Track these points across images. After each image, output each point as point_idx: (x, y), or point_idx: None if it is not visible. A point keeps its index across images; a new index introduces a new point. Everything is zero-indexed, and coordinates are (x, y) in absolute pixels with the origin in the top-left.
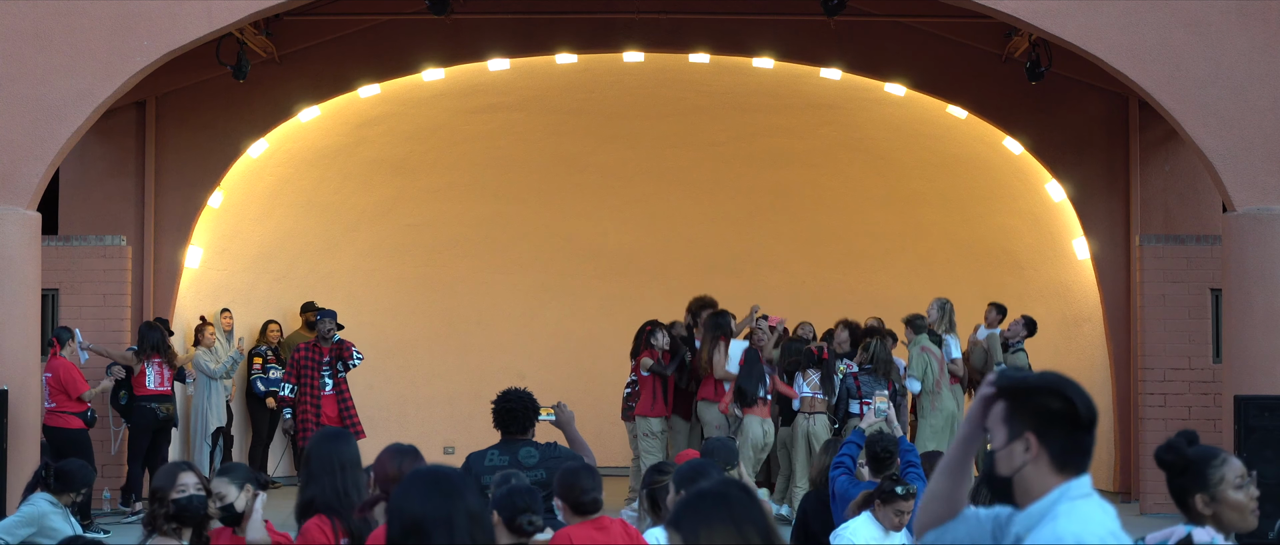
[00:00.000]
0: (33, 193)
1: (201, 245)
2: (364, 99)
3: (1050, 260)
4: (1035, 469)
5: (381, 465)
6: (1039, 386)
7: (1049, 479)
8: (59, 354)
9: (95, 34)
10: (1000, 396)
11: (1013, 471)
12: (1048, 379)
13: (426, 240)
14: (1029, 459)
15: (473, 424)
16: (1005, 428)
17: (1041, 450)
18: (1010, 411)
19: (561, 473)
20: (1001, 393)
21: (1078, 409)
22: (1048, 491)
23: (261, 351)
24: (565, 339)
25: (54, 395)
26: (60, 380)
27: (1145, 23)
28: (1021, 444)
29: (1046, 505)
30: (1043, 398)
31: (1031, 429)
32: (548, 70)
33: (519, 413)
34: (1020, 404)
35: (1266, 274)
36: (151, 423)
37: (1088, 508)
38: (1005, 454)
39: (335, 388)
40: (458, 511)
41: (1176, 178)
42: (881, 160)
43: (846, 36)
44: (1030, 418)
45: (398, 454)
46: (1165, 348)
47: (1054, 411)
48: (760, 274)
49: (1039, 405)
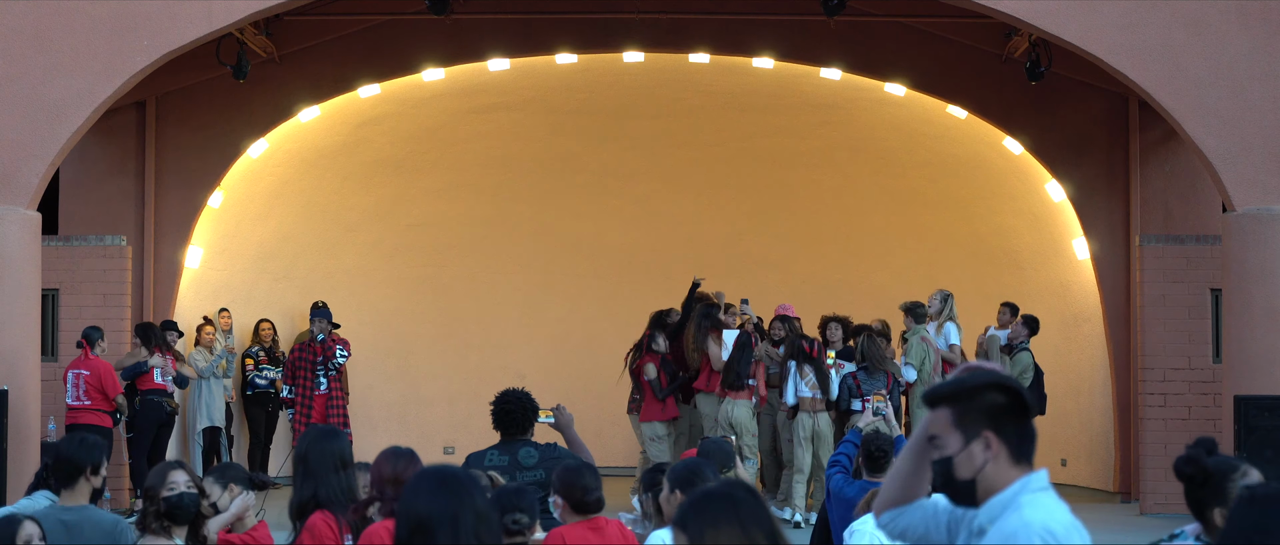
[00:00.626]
0: (33, 193)
1: (201, 245)
2: (364, 99)
3: (1050, 260)
4: (996, 465)
5: (378, 467)
6: (981, 385)
7: (1009, 472)
8: (91, 354)
9: (95, 34)
10: (943, 403)
11: (976, 472)
12: (983, 376)
13: (426, 240)
14: (990, 457)
15: (473, 424)
16: (958, 432)
17: (1001, 445)
18: (959, 415)
19: (564, 471)
20: (944, 399)
21: (1022, 399)
22: (1009, 483)
23: (252, 352)
24: (565, 339)
25: (90, 392)
26: (100, 379)
27: (1145, 23)
28: (980, 444)
29: (1010, 496)
30: (989, 395)
31: (987, 427)
32: (548, 70)
33: (518, 413)
34: (968, 405)
35: (1266, 274)
36: (158, 418)
37: (1048, 499)
38: (964, 457)
39: (328, 387)
40: (465, 510)
41: (1176, 178)
42: (881, 160)
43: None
44: (982, 417)
45: (395, 456)
46: (1165, 348)
47: (1003, 406)
48: (760, 274)
49: (988, 403)
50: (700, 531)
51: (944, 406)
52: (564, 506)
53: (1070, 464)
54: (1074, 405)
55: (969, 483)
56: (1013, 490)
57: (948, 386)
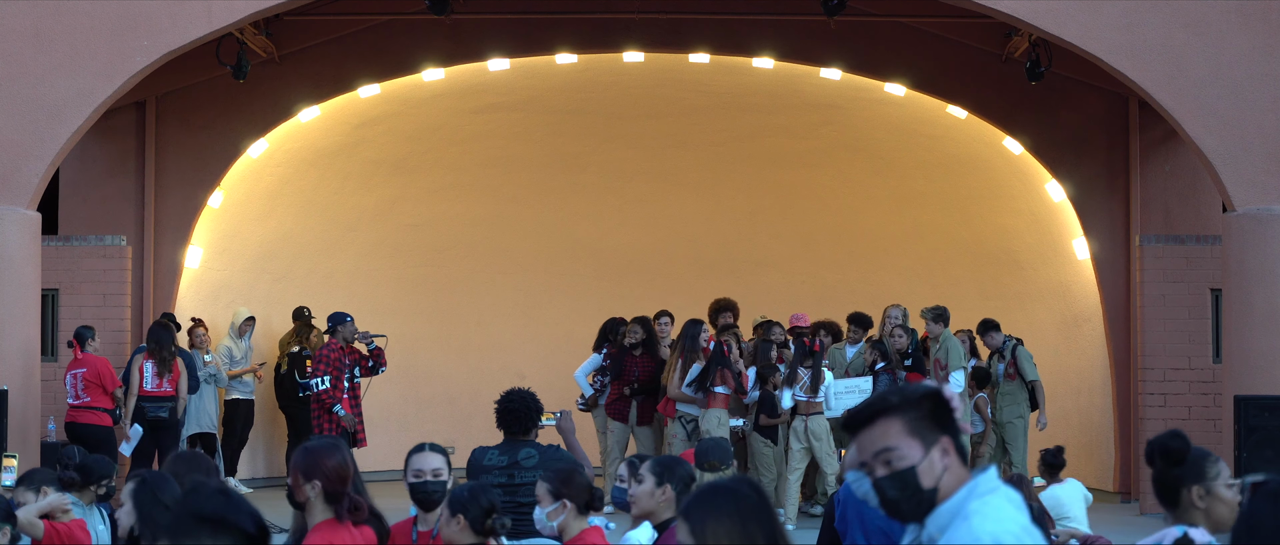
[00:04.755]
0: (33, 193)
1: (201, 245)
2: (364, 99)
3: (1050, 260)
4: (951, 473)
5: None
6: (920, 393)
7: (960, 477)
8: (81, 352)
9: (95, 34)
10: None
11: (938, 480)
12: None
13: (426, 240)
14: (950, 462)
15: (473, 424)
16: (915, 440)
17: (954, 449)
18: (914, 424)
19: (569, 472)
20: (893, 410)
21: (943, 398)
22: (957, 488)
23: (302, 354)
24: (565, 339)
25: (88, 389)
26: (98, 374)
27: (1145, 23)
28: (938, 450)
29: (957, 503)
30: (931, 401)
31: (942, 433)
32: (548, 70)
33: (521, 413)
34: (917, 413)
35: (1266, 274)
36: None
37: (998, 503)
38: (927, 466)
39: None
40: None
41: (1176, 178)
42: (881, 160)
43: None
44: (934, 423)
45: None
46: (1165, 348)
47: (944, 411)
48: (760, 274)
49: (934, 409)
50: (702, 523)
51: (891, 417)
52: (572, 509)
53: (1070, 464)
54: (1074, 405)
55: (932, 491)
56: (960, 496)
57: (880, 404)
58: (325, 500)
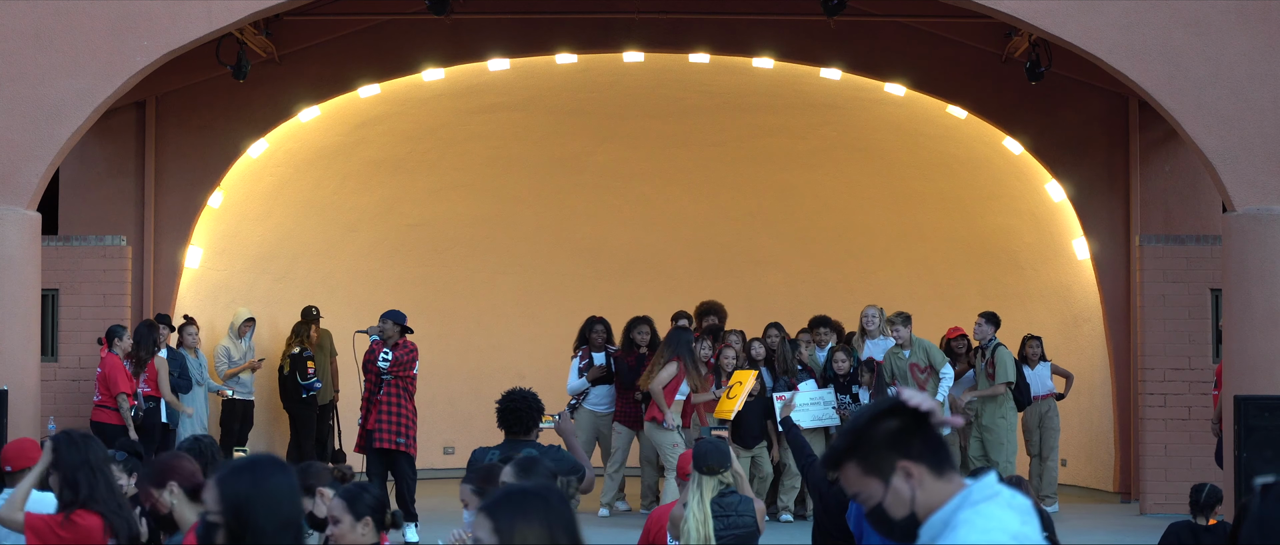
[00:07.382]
0: (33, 193)
1: (201, 245)
2: (364, 99)
3: (1050, 260)
4: (924, 489)
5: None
6: (867, 421)
7: (941, 488)
8: (107, 351)
9: (95, 34)
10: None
11: (909, 506)
12: (861, 414)
13: (426, 240)
14: (915, 485)
15: (473, 424)
16: (873, 478)
17: (919, 467)
18: (865, 463)
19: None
20: (843, 456)
21: (908, 408)
22: (947, 499)
23: (307, 355)
24: (565, 339)
25: (100, 388)
26: (106, 375)
27: (1145, 23)
28: (900, 476)
29: (947, 514)
30: (880, 426)
31: (898, 458)
32: (548, 70)
33: (522, 413)
34: (867, 449)
35: (1266, 274)
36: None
37: (991, 509)
38: (892, 498)
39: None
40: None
41: (1176, 178)
42: (881, 160)
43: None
44: (887, 451)
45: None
46: (1165, 348)
47: (899, 429)
48: (760, 274)
49: (884, 434)
50: (510, 524)
51: (847, 463)
52: None
53: (1070, 464)
54: (1074, 405)
55: (908, 518)
56: (951, 507)
57: (840, 445)
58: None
